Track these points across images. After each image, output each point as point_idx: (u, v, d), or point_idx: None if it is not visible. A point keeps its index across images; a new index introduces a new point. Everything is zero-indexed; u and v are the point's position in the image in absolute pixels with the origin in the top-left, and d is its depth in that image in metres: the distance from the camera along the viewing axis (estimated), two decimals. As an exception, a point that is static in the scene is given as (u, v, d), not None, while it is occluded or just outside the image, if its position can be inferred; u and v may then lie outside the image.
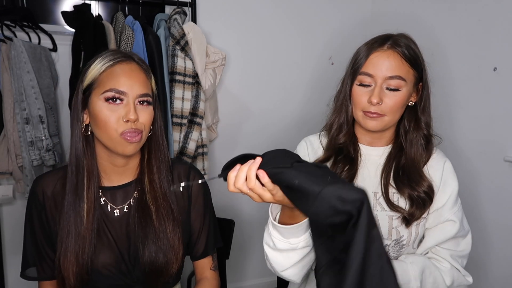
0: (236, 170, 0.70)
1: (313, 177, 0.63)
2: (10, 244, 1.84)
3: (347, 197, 0.59)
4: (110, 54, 0.93)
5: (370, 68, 0.92)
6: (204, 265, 1.10)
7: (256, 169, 0.68)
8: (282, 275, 0.88)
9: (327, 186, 0.60)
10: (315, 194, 0.60)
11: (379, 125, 0.95)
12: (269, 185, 0.67)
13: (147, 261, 0.95)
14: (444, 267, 0.95)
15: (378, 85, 0.92)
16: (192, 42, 1.82)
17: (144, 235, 0.96)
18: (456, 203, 0.99)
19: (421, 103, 0.98)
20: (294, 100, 2.31)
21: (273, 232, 0.82)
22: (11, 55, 1.53)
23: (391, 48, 0.92)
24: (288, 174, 0.64)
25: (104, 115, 0.88)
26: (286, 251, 0.82)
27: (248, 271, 2.36)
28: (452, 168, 1.02)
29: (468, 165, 1.73)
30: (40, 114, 1.58)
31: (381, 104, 0.92)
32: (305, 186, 0.62)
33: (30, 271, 1.02)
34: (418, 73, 0.96)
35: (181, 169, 1.06)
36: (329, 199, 0.60)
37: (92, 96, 0.91)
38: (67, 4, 1.83)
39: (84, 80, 0.92)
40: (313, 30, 2.29)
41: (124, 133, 0.89)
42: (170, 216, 0.98)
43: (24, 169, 1.61)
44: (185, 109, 1.81)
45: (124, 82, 0.89)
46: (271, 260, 0.87)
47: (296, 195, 0.65)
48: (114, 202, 0.99)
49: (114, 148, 0.91)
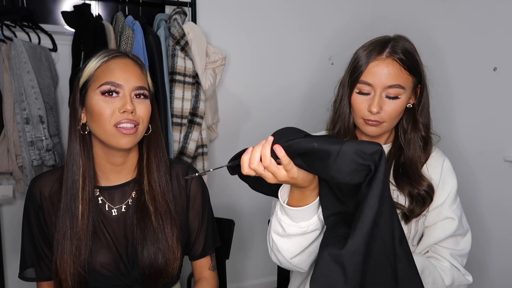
0: (249, 152, 0.72)
1: (330, 139, 0.65)
2: (10, 244, 1.84)
3: (367, 150, 0.61)
4: (105, 51, 0.94)
5: (369, 77, 0.92)
6: (202, 265, 1.10)
7: (270, 146, 0.69)
8: (290, 263, 0.87)
9: (347, 142, 0.62)
10: (336, 151, 0.62)
11: (379, 131, 0.97)
12: (285, 159, 0.68)
13: (146, 263, 0.95)
14: (444, 266, 0.95)
15: (378, 94, 0.92)
16: (192, 42, 1.82)
17: (142, 236, 0.96)
18: (455, 201, 0.99)
19: (419, 105, 0.99)
20: (294, 100, 2.31)
21: (283, 217, 0.81)
22: (11, 55, 1.53)
23: (390, 57, 0.92)
24: (305, 141, 0.66)
25: (99, 108, 0.88)
26: (296, 236, 0.82)
27: (248, 271, 2.36)
28: (451, 167, 1.02)
29: (468, 165, 1.73)
30: (40, 114, 1.58)
31: (381, 113, 0.93)
32: (325, 146, 0.63)
33: (28, 272, 1.02)
34: (416, 78, 0.96)
35: (179, 168, 1.07)
36: (350, 154, 0.61)
37: (88, 92, 0.91)
38: (67, 4, 1.83)
39: (80, 78, 0.93)
40: (313, 30, 2.29)
41: (119, 123, 0.88)
42: (168, 216, 0.98)
43: (24, 169, 1.61)
44: (185, 109, 1.81)
45: (120, 75, 0.90)
46: (280, 248, 0.85)
47: (314, 160, 0.66)
48: (112, 202, 0.99)
49: (108, 142, 0.90)
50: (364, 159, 0.61)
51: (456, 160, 1.09)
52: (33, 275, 1.01)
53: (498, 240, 1.64)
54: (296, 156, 0.68)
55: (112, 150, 0.95)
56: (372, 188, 0.62)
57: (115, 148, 0.93)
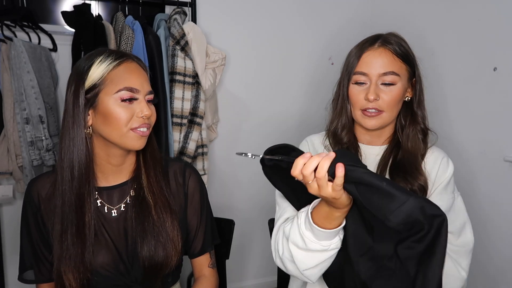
0: (306, 157, 0.73)
1: (398, 186, 0.69)
2: (10, 244, 1.84)
3: (429, 210, 0.67)
4: (107, 53, 0.93)
5: (364, 67, 0.94)
6: (202, 262, 1.10)
7: (329, 162, 0.71)
8: (302, 274, 0.88)
9: (415, 196, 0.67)
10: (403, 200, 0.66)
11: (378, 123, 0.96)
12: (340, 180, 0.70)
13: (147, 255, 0.95)
14: None
15: (373, 82, 0.94)
16: (192, 42, 1.82)
17: (142, 229, 0.96)
18: (445, 190, 0.98)
19: (415, 97, 1.00)
20: (294, 100, 2.31)
21: (306, 233, 0.83)
22: (11, 55, 1.53)
23: (382, 46, 0.94)
24: (374, 177, 0.69)
25: (117, 112, 0.89)
26: (316, 251, 0.83)
27: (248, 271, 2.36)
28: (447, 161, 1.01)
29: (468, 165, 1.73)
30: (40, 114, 1.58)
31: (378, 100, 0.94)
32: (393, 190, 0.67)
33: (27, 274, 1.01)
34: (411, 68, 0.97)
35: (176, 167, 1.07)
36: (415, 208, 0.66)
37: (100, 96, 0.90)
38: (67, 4, 1.83)
39: (85, 81, 0.90)
40: (313, 30, 2.29)
41: (137, 127, 0.91)
42: (168, 209, 0.99)
43: (24, 169, 1.61)
44: (185, 109, 1.81)
45: (136, 80, 0.92)
46: (295, 259, 0.86)
47: (373, 195, 0.69)
48: (111, 203, 0.99)
49: (122, 144, 0.92)
50: (424, 217, 0.66)
51: (456, 160, 1.08)
52: (33, 277, 1.01)
53: (498, 240, 1.64)
54: (351, 182, 0.71)
55: (113, 150, 0.95)
56: (435, 254, 0.68)
57: (126, 149, 0.95)
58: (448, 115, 1.81)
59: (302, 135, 1.17)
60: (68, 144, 0.92)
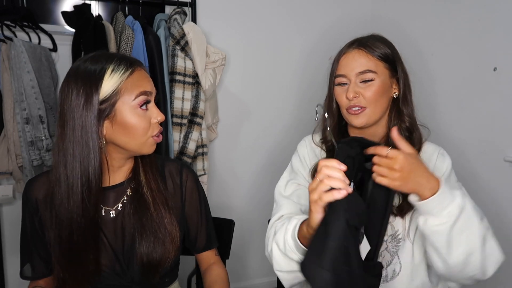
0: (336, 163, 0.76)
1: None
2: (10, 244, 1.84)
3: None
4: (118, 61, 0.90)
5: (342, 69, 1.01)
6: (208, 255, 1.12)
7: (342, 172, 0.74)
8: (276, 272, 0.92)
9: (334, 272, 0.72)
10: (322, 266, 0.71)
11: (363, 120, 0.99)
12: None
13: (145, 252, 0.95)
14: None
15: (352, 82, 0.99)
16: (192, 42, 1.82)
17: (141, 225, 0.96)
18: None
19: (401, 94, 1.03)
20: (294, 100, 2.31)
21: (289, 241, 0.85)
22: (11, 55, 1.53)
23: (356, 48, 1.01)
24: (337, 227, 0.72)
25: (137, 123, 0.90)
26: (292, 260, 0.86)
27: (248, 271, 2.36)
28: (442, 155, 1.02)
29: (468, 165, 1.73)
30: (40, 114, 1.58)
31: (359, 97, 0.98)
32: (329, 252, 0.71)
33: (26, 270, 1.02)
34: (390, 65, 1.00)
35: (172, 167, 1.07)
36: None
37: (117, 106, 0.88)
38: (67, 4, 1.83)
39: (99, 92, 0.86)
40: (313, 30, 2.29)
41: (156, 134, 0.94)
42: (166, 205, 0.99)
43: (24, 169, 1.61)
44: (185, 109, 1.81)
45: (148, 84, 0.93)
46: (273, 257, 0.90)
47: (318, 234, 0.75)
48: (107, 204, 0.99)
49: (139, 151, 0.94)
50: None
51: (456, 160, 1.08)
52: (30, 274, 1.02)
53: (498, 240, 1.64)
54: (330, 213, 0.74)
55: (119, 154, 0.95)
56: None
57: (139, 154, 0.97)
58: (448, 114, 1.81)
59: (301, 134, 1.18)
60: (80, 154, 0.88)
